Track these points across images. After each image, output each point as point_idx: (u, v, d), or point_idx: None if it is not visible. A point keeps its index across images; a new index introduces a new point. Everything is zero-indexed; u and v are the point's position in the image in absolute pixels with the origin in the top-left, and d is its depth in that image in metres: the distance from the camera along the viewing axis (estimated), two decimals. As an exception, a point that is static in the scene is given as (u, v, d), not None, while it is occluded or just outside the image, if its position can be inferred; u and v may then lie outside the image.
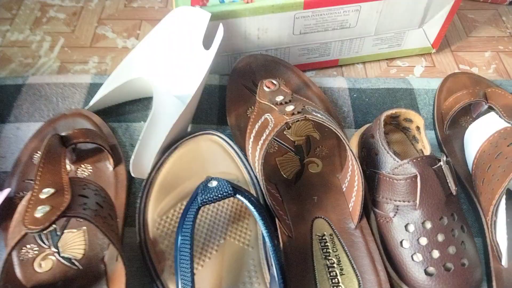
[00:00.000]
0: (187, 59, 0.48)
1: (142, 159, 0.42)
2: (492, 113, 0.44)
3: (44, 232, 0.31)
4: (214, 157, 0.43)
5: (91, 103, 0.48)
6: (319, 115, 0.37)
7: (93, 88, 0.51)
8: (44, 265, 0.36)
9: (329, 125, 0.36)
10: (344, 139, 0.36)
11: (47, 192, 0.30)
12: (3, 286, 0.32)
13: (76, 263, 0.37)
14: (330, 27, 0.52)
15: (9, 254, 0.30)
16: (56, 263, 0.36)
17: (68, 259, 0.37)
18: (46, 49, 0.60)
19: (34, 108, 0.49)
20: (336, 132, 0.36)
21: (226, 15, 0.47)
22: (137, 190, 0.43)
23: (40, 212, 0.29)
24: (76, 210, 0.30)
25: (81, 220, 0.35)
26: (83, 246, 0.38)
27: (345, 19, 0.51)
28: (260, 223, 0.34)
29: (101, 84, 0.50)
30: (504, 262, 0.35)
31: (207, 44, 0.46)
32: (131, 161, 0.41)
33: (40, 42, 0.61)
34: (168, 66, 0.49)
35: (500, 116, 0.41)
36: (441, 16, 0.55)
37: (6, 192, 0.39)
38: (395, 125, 0.44)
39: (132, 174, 0.41)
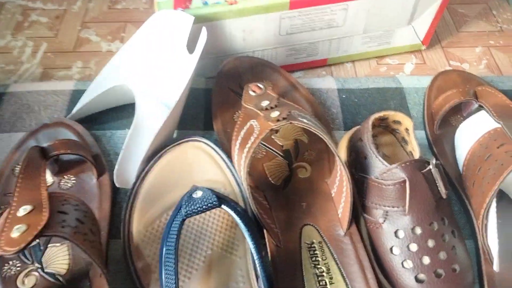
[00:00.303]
0: (171, 63, 0.47)
1: (126, 168, 0.41)
2: (483, 112, 0.43)
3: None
4: (201, 164, 0.42)
5: (74, 111, 0.46)
6: (305, 120, 0.36)
7: (76, 95, 0.50)
8: (27, 282, 0.35)
9: (315, 131, 0.35)
10: (331, 145, 0.35)
11: (24, 209, 0.29)
12: None
13: (60, 278, 0.36)
14: (317, 27, 0.51)
15: None
16: (39, 279, 0.36)
17: (52, 275, 0.36)
18: (28, 54, 0.58)
19: (16, 118, 0.48)
20: (323, 137, 0.35)
21: (210, 18, 0.46)
22: (122, 200, 0.42)
23: (16, 231, 0.28)
24: (54, 229, 0.29)
25: None
26: (67, 261, 0.37)
27: (333, 18, 0.50)
28: (246, 234, 0.33)
29: (84, 91, 0.49)
30: (495, 266, 0.35)
31: (191, 47, 0.45)
32: (114, 171, 0.40)
33: (22, 47, 0.59)
34: (151, 70, 0.48)
35: (490, 116, 0.40)
36: (430, 13, 0.54)
37: None
38: (384, 127, 0.43)
39: (116, 184, 0.40)
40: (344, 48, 0.55)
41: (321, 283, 0.34)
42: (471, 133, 0.42)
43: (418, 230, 0.34)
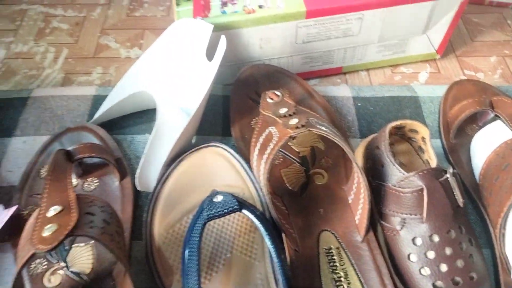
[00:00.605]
0: (190, 70, 0.48)
1: (148, 172, 0.42)
2: (499, 121, 0.43)
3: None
4: (219, 169, 0.43)
5: (96, 116, 0.48)
6: (323, 127, 0.37)
7: (98, 100, 0.51)
8: (53, 280, 0.37)
9: (333, 138, 0.36)
10: (349, 152, 0.35)
11: (54, 210, 0.31)
12: None
13: (85, 277, 0.37)
14: (333, 36, 0.51)
15: (19, 273, 0.30)
16: (64, 278, 0.37)
17: (77, 274, 0.37)
18: (50, 60, 0.60)
19: (40, 122, 0.49)
20: (340, 144, 0.36)
21: (228, 26, 0.47)
22: (143, 203, 0.43)
23: (47, 231, 0.29)
24: (83, 229, 0.30)
25: None
26: (91, 260, 0.38)
27: (348, 27, 0.51)
28: (266, 238, 0.34)
29: (105, 96, 0.50)
30: (513, 275, 0.35)
31: (210, 55, 0.46)
32: (136, 175, 0.41)
33: (44, 53, 0.61)
34: (171, 78, 0.49)
35: (506, 125, 0.41)
36: (445, 22, 0.55)
37: (13, 209, 0.39)
38: (401, 135, 0.44)
39: (138, 188, 0.41)
40: (359, 56, 0.56)
41: (339, 288, 0.35)
42: (487, 142, 0.43)
43: (436, 238, 0.35)
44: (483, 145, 0.43)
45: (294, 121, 0.37)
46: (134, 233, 0.41)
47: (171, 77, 0.49)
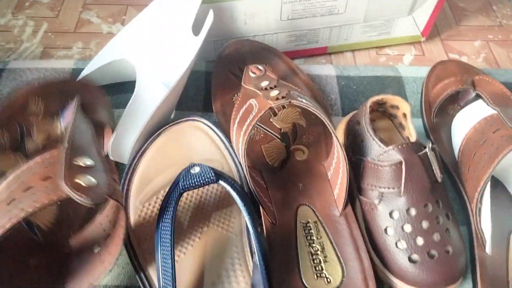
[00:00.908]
0: (175, 44, 0.47)
1: (121, 142, 0.41)
2: (480, 101, 0.43)
3: None
4: (199, 144, 0.42)
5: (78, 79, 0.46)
6: (304, 100, 0.36)
7: (76, 73, 0.50)
8: None
9: (314, 110, 0.35)
10: (329, 124, 0.35)
11: (84, 160, 0.29)
12: None
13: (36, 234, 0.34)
14: (318, 13, 0.51)
15: None
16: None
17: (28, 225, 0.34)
18: (28, 34, 0.58)
19: (15, 94, 0.48)
20: (321, 117, 0.35)
21: (212, -1, 0.46)
22: (119, 177, 0.42)
23: (84, 180, 0.27)
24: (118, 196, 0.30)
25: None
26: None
27: (334, 5, 0.50)
28: (242, 209, 0.33)
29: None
30: (488, 249, 0.35)
31: (195, 29, 0.45)
32: (109, 143, 0.40)
33: (22, 26, 0.59)
34: (154, 50, 0.48)
35: (487, 104, 0.41)
36: (431, 4, 0.54)
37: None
38: (382, 112, 0.43)
39: (111, 157, 0.40)
40: (344, 36, 0.56)
41: (315, 261, 0.35)
42: (468, 121, 0.43)
43: (413, 212, 0.35)
44: (464, 124, 0.43)
45: (274, 93, 0.36)
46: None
47: (155, 49, 0.48)
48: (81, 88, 0.40)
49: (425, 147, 0.36)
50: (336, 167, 0.38)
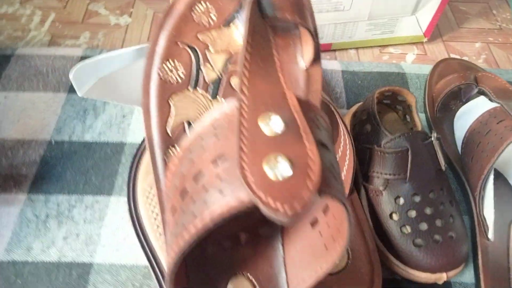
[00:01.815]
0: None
1: (91, 72, 0.37)
2: (481, 97, 0.44)
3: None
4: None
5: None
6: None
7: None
8: None
9: (322, 97, 0.36)
10: (336, 111, 0.36)
11: (274, 123, 0.17)
12: None
13: None
14: (324, 9, 0.52)
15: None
16: None
17: None
18: (36, 23, 0.59)
19: (24, 78, 0.48)
20: (329, 103, 0.36)
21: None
22: (127, 160, 0.43)
23: (276, 170, 0.15)
24: (331, 187, 0.16)
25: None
26: None
27: (339, 1, 0.51)
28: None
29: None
30: (490, 235, 0.36)
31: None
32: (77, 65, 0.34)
33: (30, 16, 0.59)
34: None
35: (490, 98, 0.42)
36: (434, 4, 0.56)
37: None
38: (387, 104, 0.44)
39: (70, 76, 0.35)
40: (348, 34, 0.57)
41: (321, 244, 0.35)
42: (470, 115, 0.44)
43: (418, 198, 0.35)
44: (466, 119, 0.44)
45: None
46: (116, 190, 0.40)
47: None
48: None
49: (430, 137, 0.37)
50: (343, 154, 0.39)
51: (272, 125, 0.17)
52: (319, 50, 0.25)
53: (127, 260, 0.36)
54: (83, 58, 0.51)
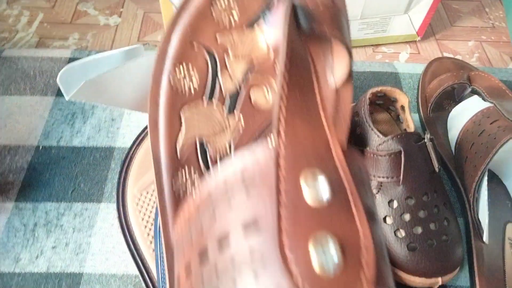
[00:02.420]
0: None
1: (79, 74, 0.36)
2: (475, 96, 0.44)
3: None
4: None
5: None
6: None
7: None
8: None
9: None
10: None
11: (318, 185, 0.14)
12: None
13: None
14: (317, 8, 0.51)
15: None
16: None
17: None
18: (24, 23, 0.57)
19: (10, 81, 0.47)
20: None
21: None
22: (116, 166, 0.42)
23: (324, 259, 0.13)
24: (384, 280, 0.14)
25: None
26: None
27: (332, 1, 0.51)
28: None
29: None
30: (485, 238, 0.35)
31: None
32: (66, 66, 0.33)
33: (17, 16, 0.58)
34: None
35: (483, 98, 0.42)
36: (426, 3, 0.55)
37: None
38: (380, 105, 0.44)
39: (58, 80, 0.35)
40: (341, 33, 0.56)
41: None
42: (464, 115, 0.43)
43: (411, 201, 0.35)
44: (460, 118, 0.43)
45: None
46: (105, 195, 0.39)
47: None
48: None
49: (423, 138, 0.37)
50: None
51: (318, 189, 0.14)
52: (352, 68, 0.21)
53: (117, 269, 0.36)
54: (71, 59, 0.50)
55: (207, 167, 0.21)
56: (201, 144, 0.21)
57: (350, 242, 0.13)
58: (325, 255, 0.12)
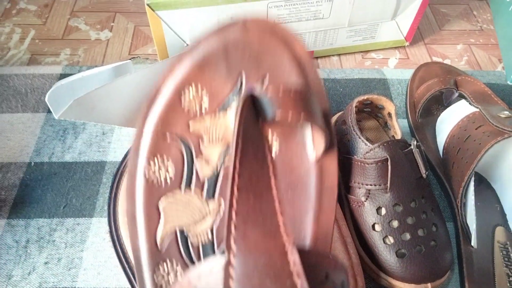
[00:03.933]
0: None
1: (68, 92, 0.35)
2: (463, 101, 0.44)
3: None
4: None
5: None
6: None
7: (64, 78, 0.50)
8: None
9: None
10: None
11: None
12: None
13: None
14: (303, 18, 0.52)
15: None
16: None
17: None
18: (16, 41, 0.58)
19: (2, 99, 0.48)
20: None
21: (198, 3, 0.47)
22: (108, 181, 0.42)
23: None
24: None
25: None
26: None
27: (318, 10, 0.51)
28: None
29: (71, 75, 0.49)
30: (473, 242, 0.36)
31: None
32: (55, 85, 0.34)
33: (9, 34, 0.59)
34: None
35: (469, 102, 0.42)
36: (413, 9, 0.56)
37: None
38: (368, 112, 0.44)
39: (46, 99, 0.35)
40: (329, 41, 0.57)
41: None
42: (451, 120, 0.44)
43: (399, 207, 0.35)
44: (448, 123, 0.44)
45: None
46: (97, 210, 0.40)
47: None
48: (263, 53, 0.22)
49: (410, 145, 0.37)
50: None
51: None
52: (333, 137, 0.21)
53: (109, 283, 0.36)
54: (62, 75, 0.51)
55: (190, 259, 0.20)
56: (181, 232, 0.21)
57: None
58: None
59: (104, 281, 0.36)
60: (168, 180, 0.21)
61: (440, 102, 0.48)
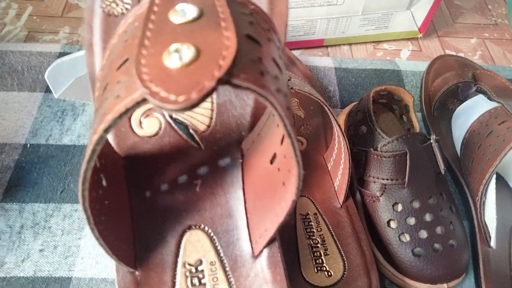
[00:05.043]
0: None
1: (67, 70, 0.36)
2: (480, 95, 0.43)
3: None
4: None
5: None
6: (306, 88, 0.35)
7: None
8: (147, 126, 0.24)
9: (316, 97, 0.34)
10: (331, 113, 0.34)
11: (183, 12, 0.15)
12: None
13: (196, 136, 0.24)
14: (316, 3, 0.50)
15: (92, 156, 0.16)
16: (164, 128, 0.24)
17: (184, 127, 0.24)
18: (12, 16, 0.55)
19: (-4, 76, 0.45)
20: (323, 105, 0.34)
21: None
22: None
23: (175, 57, 0.13)
24: (249, 73, 0.14)
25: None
26: (208, 115, 0.25)
27: (333, -5, 0.49)
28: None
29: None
30: (493, 243, 0.34)
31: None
32: (52, 64, 0.34)
33: (5, 9, 0.56)
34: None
35: (489, 97, 0.40)
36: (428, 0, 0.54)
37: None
38: (383, 104, 0.42)
39: (45, 75, 0.35)
40: (341, 29, 0.55)
41: (315, 254, 0.33)
42: (468, 115, 0.42)
43: (417, 204, 0.33)
44: (465, 118, 0.42)
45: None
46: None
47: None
48: None
49: (429, 139, 0.35)
50: (337, 158, 0.37)
51: (183, 13, 0.15)
52: None
53: (108, 273, 0.34)
54: (61, 54, 0.48)
55: None
56: None
57: (210, 47, 0.13)
58: (178, 58, 0.13)
59: (103, 271, 0.34)
60: (125, 12, 0.23)
61: (456, 96, 0.46)
